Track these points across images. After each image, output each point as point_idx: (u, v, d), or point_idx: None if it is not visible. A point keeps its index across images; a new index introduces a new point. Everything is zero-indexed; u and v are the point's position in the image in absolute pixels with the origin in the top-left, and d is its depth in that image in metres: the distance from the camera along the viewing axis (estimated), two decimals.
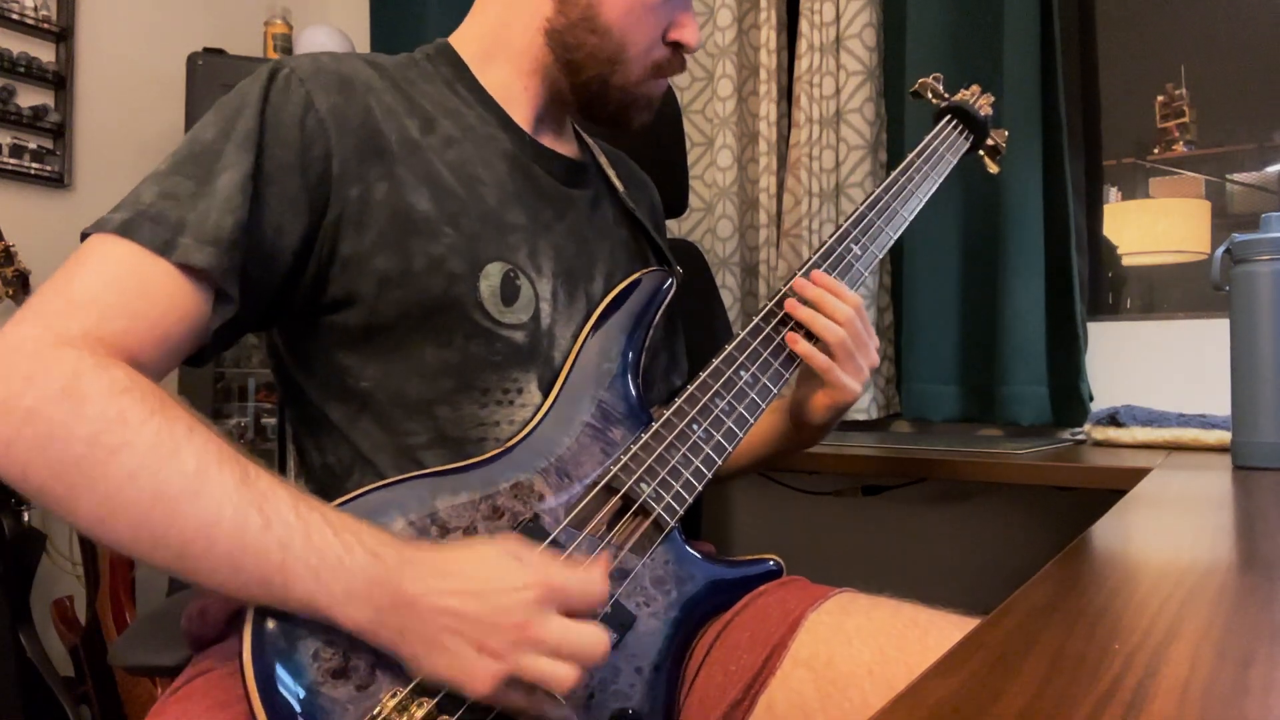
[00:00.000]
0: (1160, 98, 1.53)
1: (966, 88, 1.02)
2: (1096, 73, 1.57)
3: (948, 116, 0.99)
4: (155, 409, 0.53)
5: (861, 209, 0.86)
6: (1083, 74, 1.56)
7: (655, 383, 0.90)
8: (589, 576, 0.56)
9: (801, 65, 1.59)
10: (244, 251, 0.61)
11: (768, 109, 1.63)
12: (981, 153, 1.04)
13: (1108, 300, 1.58)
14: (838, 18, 1.55)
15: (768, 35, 1.63)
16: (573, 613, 0.55)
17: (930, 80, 1.03)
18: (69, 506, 0.51)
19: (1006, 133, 1.04)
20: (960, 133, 0.99)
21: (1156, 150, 1.54)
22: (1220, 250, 0.92)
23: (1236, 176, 1.50)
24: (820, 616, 0.69)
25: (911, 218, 0.90)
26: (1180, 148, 1.53)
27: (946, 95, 1.02)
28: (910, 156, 0.93)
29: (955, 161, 0.97)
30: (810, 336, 0.77)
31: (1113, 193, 1.59)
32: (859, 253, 0.83)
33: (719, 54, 1.67)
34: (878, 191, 0.88)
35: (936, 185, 0.93)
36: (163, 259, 0.57)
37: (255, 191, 0.62)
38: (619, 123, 0.80)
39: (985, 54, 1.43)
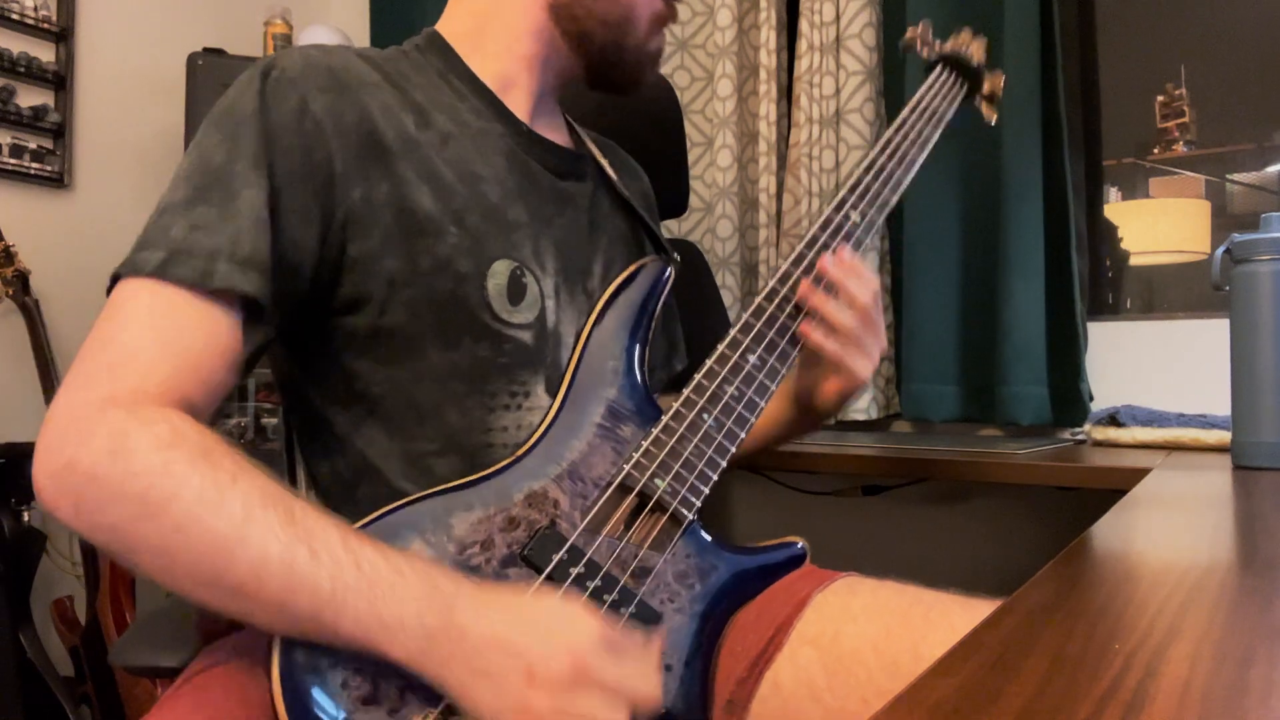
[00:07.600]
0: (1160, 98, 1.53)
1: (957, 34, 0.97)
2: (1096, 73, 1.57)
3: (940, 66, 0.95)
4: (199, 458, 0.53)
5: (858, 174, 0.83)
6: (1083, 74, 1.56)
7: (656, 370, 0.89)
8: (646, 663, 0.54)
9: (801, 65, 1.59)
10: (277, 271, 0.61)
11: (768, 109, 1.63)
12: (979, 102, 0.99)
13: (1108, 300, 1.58)
14: (838, 18, 1.55)
15: (768, 35, 1.63)
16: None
17: (919, 30, 0.98)
18: (134, 561, 0.53)
19: (1004, 77, 0.99)
20: (955, 82, 0.95)
21: (1156, 150, 1.54)
22: (1220, 250, 0.92)
23: (1236, 176, 1.50)
24: (827, 597, 0.70)
25: (910, 179, 0.86)
26: (1180, 148, 1.53)
27: (937, 44, 0.97)
28: (904, 113, 0.88)
29: (952, 114, 0.92)
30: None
31: (1113, 193, 1.59)
32: (858, 219, 0.80)
33: (719, 54, 1.67)
34: (872, 154, 0.85)
35: (934, 141, 0.89)
36: (199, 292, 0.57)
37: (274, 208, 0.61)
38: (632, 85, 0.80)
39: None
